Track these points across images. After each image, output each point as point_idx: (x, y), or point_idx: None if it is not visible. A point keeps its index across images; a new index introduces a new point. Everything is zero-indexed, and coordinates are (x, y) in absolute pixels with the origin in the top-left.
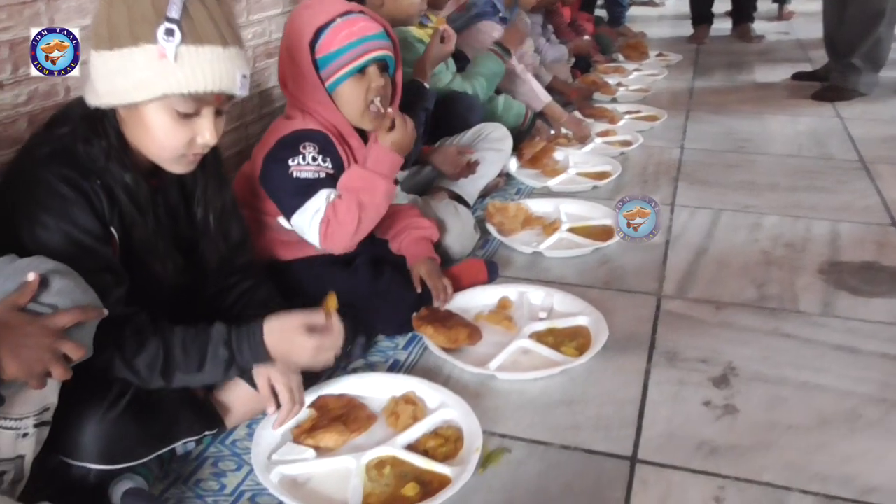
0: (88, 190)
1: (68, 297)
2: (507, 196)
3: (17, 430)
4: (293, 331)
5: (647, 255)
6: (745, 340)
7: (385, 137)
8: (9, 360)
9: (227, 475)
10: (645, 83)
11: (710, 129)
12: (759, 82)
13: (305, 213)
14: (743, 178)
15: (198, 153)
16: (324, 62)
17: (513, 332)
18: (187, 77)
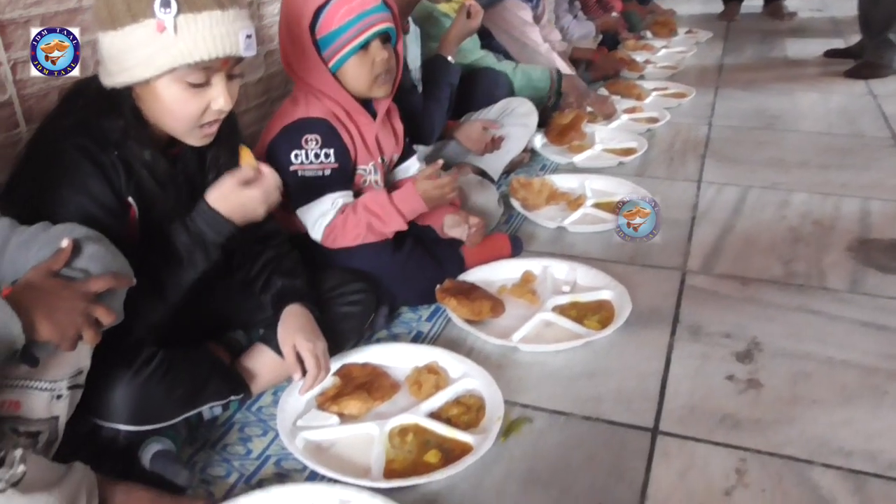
0: (105, 162)
1: (100, 263)
2: (532, 172)
3: (51, 392)
4: (234, 191)
5: (672, 231)
6: (771, 316)
7: (422, 184)
8: (43, 322)
9: (254, 440)
10: (673, 60)
11: (740, 105)
12: (790, 59)
13: (310, 212)
14: (772, 156)
15: (214, 123)
16: (325, 42)
17: (536, 306)
18: (189, 47)
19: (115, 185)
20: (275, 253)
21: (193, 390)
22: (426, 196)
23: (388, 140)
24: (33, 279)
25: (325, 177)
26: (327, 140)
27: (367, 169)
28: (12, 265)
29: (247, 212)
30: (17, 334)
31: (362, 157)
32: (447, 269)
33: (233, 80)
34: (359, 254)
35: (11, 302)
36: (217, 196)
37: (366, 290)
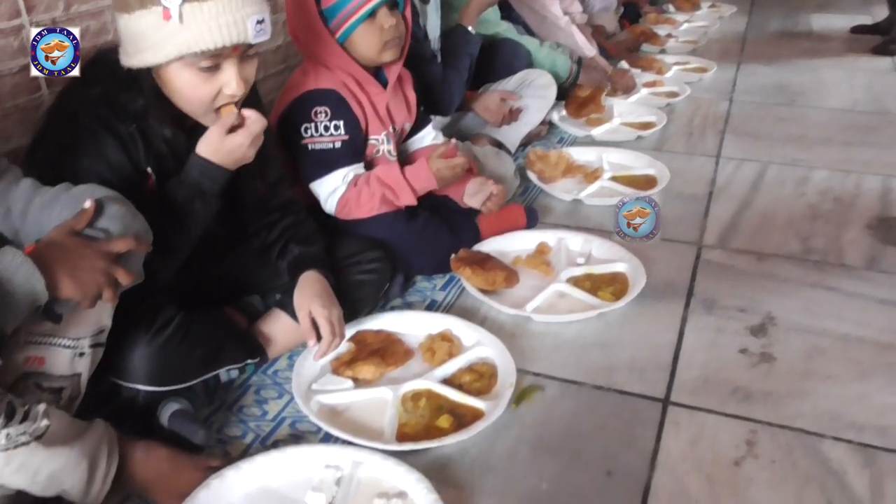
0: (124, 133)
1: (120, 223)
2: (549, 144)
3: (74, 350)
4: (220, 139)
5: (689, 206)
6: (787, 292)
7: (435, 163)
8: (65, 280)
9: (269, 402)
10: (695, 35)
11: (762, 81)
12: (815, 34)
13: (322, 186)
14: (793, 132)
15: (235, 100)
16: (331, 13)
17: (550, 277)
18: (195, 36)
19: (133, 155)
20: (292, 220)
21: (211, 353)
22: (438, 175)
23: (400, 109)
24: (56, 238)
25: (335, 149)
26: (337, 112)
27: (379, 139)
28: (36, 224)
29: (236, 157)
30: (40, 291)
31: (374, 126)
32: (462, 239)
33: (248, 61)
34: (375, 222)
35: (35, 259)
36: (205, 146)
37: (381, 258)
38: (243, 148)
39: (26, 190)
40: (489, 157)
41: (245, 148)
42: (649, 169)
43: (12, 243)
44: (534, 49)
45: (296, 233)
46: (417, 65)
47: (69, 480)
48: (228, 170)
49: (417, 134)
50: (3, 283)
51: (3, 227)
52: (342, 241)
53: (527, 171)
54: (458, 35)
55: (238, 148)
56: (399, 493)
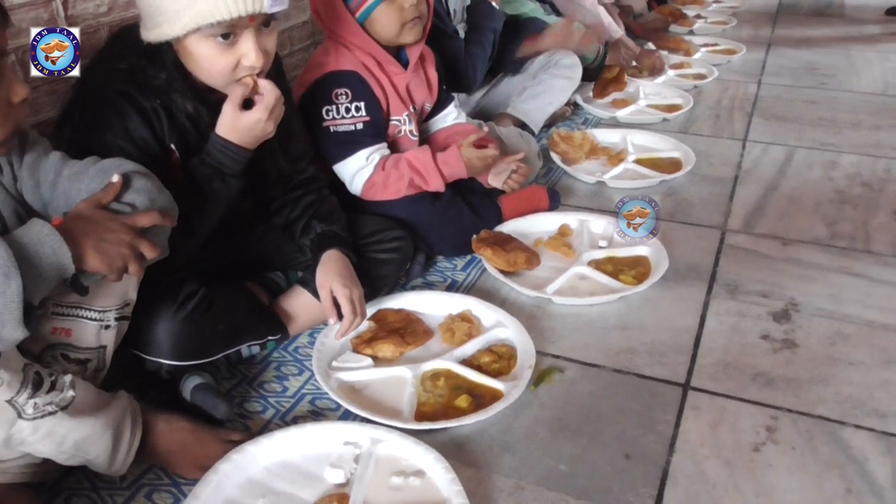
0: (148, 109)
1: (146, 196)
2: (573, 126)
3: (100, 322)
4: (236, 117)
5: (714, 189)
6: (811, 277)
7: (467, 151)
8: (92, 252)
9: (290, 378)
10: (725, 16)
11: (792, 64)
12: (848, 17)
13: (346, 167)
14: (822, 116)
15: (256, 72)
16: None
17: (571, 259)
18: (210, 6)
19: (157, 131)
20: (314, 198)
21: (233, 328)
22: (469, 164)
23: (421, 88)
24: (83, 211)
25: (357, 131)
26: (357, 93)
27: (401, 119)
28: (65, 195)
29: (255, 134)
30: (67, 263)
31: (395, 107)
32: (484, 220)
33: (268, 31)
34: (398, 202)
35: (62, 232)
36: (223, 126)
37: (403, 237)
38: (261, 124)
39: (55, 162)
40: (512, 137)
41: (263, 123)
42: (674, 152)
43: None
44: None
45: (318, 210)
46: (439, 40)
47: (94, 450)
48: (248, 149)
49: (440, 113)
50: (30, 255)
51: (32, 199)
52: (364, 219)
53: (550, 153)
54: (482, 10)
55: (255, 124)
56: (417, 472)
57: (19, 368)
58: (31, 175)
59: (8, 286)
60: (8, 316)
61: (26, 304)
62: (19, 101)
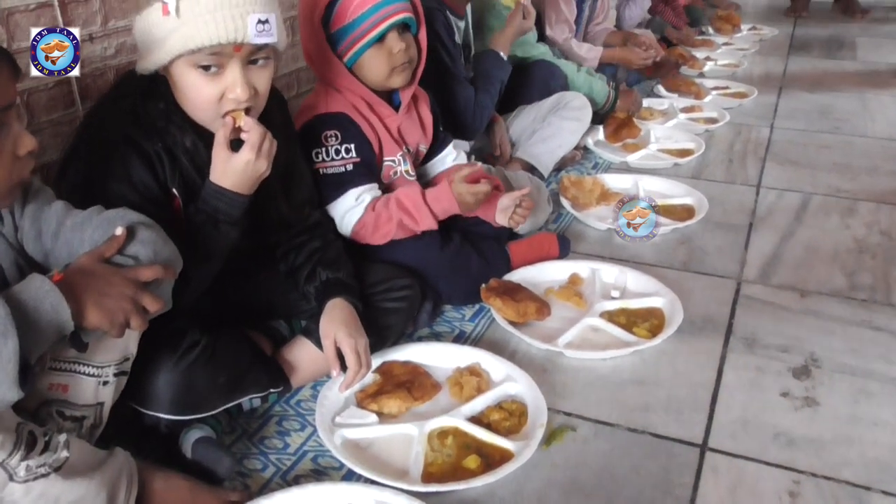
0: (150, 153)
1: (150, 248)
2: (583, 170)
3: (98, 378)
4: (226, 161)
5: (728, 237)
6: (831, 330)
7: (458, 187)
8: (93, 308)
9: (291, 434)
10: (735, 58)
11: (804, 107)
12: (861, 60)
13: (336, 207)
14: (837, 161)
15: (242, 108)
16: (339, 36)
17: (583, 310)
18: (192, 32)
19: (159, 176)
20: (320, 243)
21: (235, 380)
22: (460, 199)
23: (414, 130)
24: (85, 265)
25: (347, 172)
26: (347, 135)
27: (395, 160)
28: (67, 246)
29: (248, 175)
30: (66, 320)
31: (388, 148)
32: (493, 267)
33: (258, 68)
34: (405, 248)
35: (62, 287)
36: (215, 171)
37: (411, 286)
38: (251, 164)
39: (58, 211)
40: (520, 181)
41: (253, 163)
42: (687, 198)
43: (41, 266)
44: (571, 73)
45: (324, 256)
46: (449, 84)
47: None
48: (244, 194)
49: (438, 154)
50: (29, 312)
51: (33, 249)
52: (371, 266)
53: (560, 198)
54: (490, 59)
55: (246, 166)
56: None
57: (13, 428)
58: (33, 224)
59: (4, 346)
60: (3, 376)
61: (23, 363)
62: (25, 154)
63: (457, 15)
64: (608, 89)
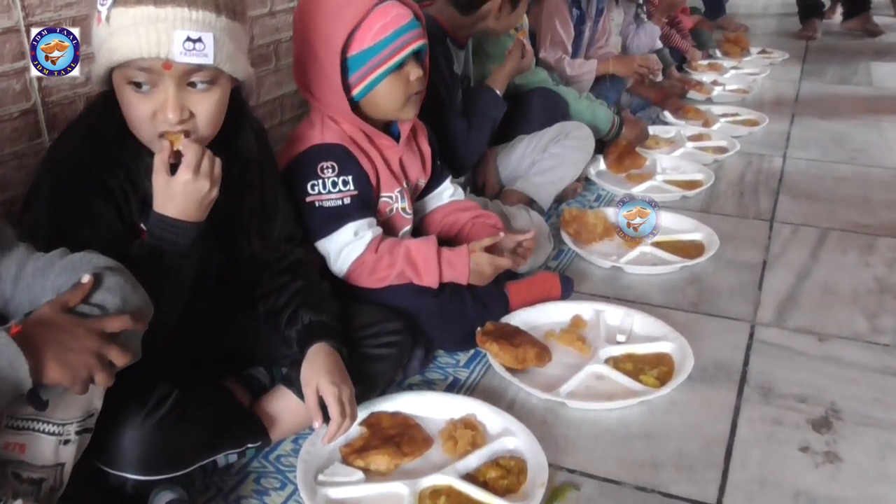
0: (113, 186)
1: (118, 296)
2: (585, 202)
3: (58, 437)
4: (166, 187)
5: (741, 277)
6: (852, 378)
7: (480, 256)
8: (53, 364)
9: (270, 493)
10: (744, 83)
11: (818, 136)
12: (877, 86)
13: (332, 242)
14: (854, 193)
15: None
16: (356, 62)
17: (586, 355)
18: (117, 43)
19: (124, 212)
20: (303, 284)
21: (210, 435)
22: (477, 269)
23: (415, 163)
24: (46, 315)
25: (344, 206)
26: (344, 166)
27: (392, 196)
28: (28, 292)
29: (192, 199)
30: (24, 377)
31: (386, 183)
32: (490, 310)
33: (198, 92)
34: (396, 289)
35: (20, 341)
36: (156, 198)
37: (402, 330)
38: (190, 185)
39: (19, 255)
40: (519, 218)
41: (193, 184)
42: (696, 233)
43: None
44: (572, 100)
45: (307, 297)
46: (442, 116)
47: None
48: (189, 221)
49: (435, 190)
50: None
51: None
52: (359, 308)
53: (560, 232)
54: (485, 97)
55: (185, 187)
56: None
57: None
58: None
59: None
60: None
61: None
62: None
63: (457, 44)
64: (612, 115)
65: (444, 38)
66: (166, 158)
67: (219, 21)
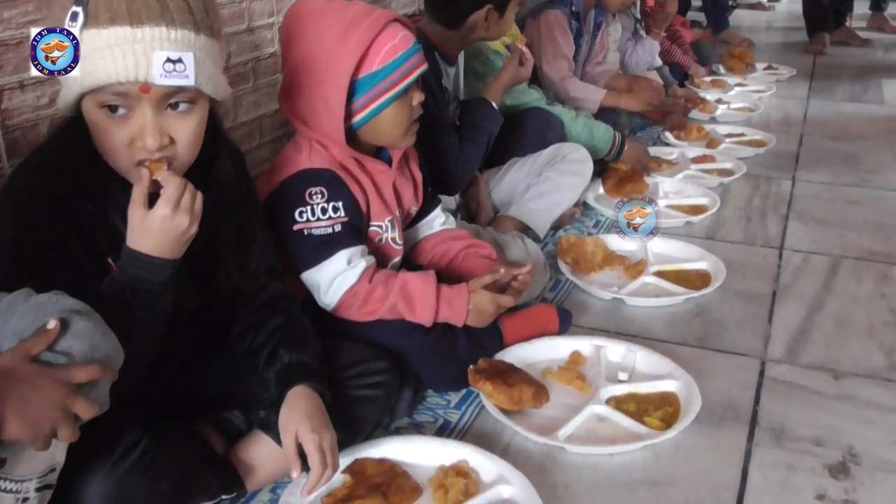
0: (80, 217)
1: (86, 343)
2: (583, 229)
3: (16, 494)
4: (140, 217)
5: (749, 309)
6: (870, 419)
7: (481, 295)
8: (13, 418)
9: None
10: (750, 101)
11: (829, 157)
12: (889, 104)
13: (323, 272)
14: (868, 219)
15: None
16: (362, 86)
17: (586, 395)
18: (90, 67)
19: (90, 245)
20: (283, 320)
21: (180, 487)
22: (477, 309)
23: (407, 189)
24: (6, 364)
25: (335, 233)
26: (334, 192)
27: (382, 225)
28: None
29: (168, 235)
30: None
31: (377, 211)
32: (483, 347)
33: (177, 115)
34: (383, 325)
35: None
36: (131, 233)
37: (388, 370)
38: (168, 221)
39: None
40: (513, 246)
41: (171, 220)
42: (701, 262)
43: None
44: (567, 120)
45: (287, 335)
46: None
47: None
48: (165, 258)
49: (425, 217)
50: None
51: None
52: (342, 346)
53: (558, 261)
54: (479, 109)
55: (162, 223)
56: None
57: None
58: None
59: None
60: None
61: None
62: None
63: (447, 61)
64: (612, 133)
65: (433, 52)
66: (145, 190)
67: (198, 40)
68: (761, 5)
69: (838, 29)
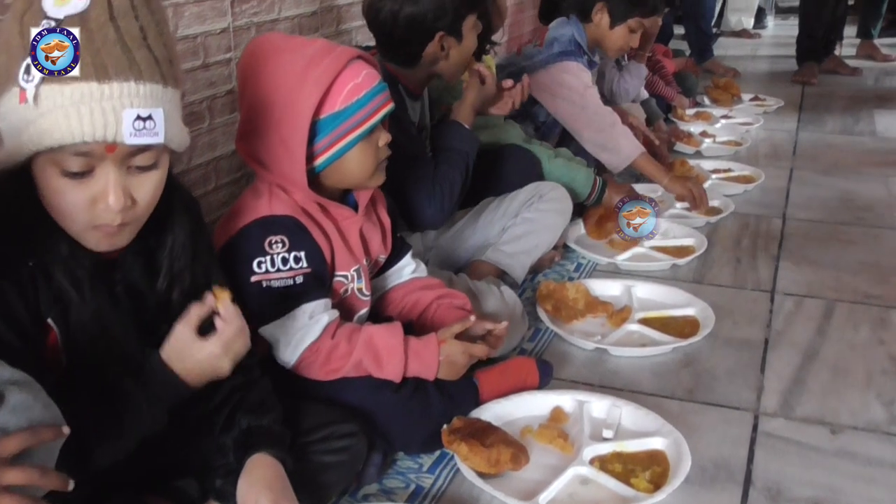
0: (22, 274)
1: (23, 416)
2: (563, 273)
3: None
4: (187, 341)
5: (740, 358)
6: (871, 478)
7: (452, 346)
8: None
9: None
10: (736, 134)
11: (821, 194)
12: (881, 136)
13: (283, 328)
14: (863, 259)
15: (123, 225)
16: (323, 127)
17: (569, 455)
18: (50, 125)
19: (30, 304)
20: (242, 380)
21: None
22: (449, 360)
23: (375, 235)
24: None
25: (297, 285)
26: (295, 241)
27: (348, 275)
28: None
29: (205, 370)
30: None
31: (342, 260)
32: (458, 404)
33: (140, 171)
34: (351, 383)
35: None
36: (171, 349)
37: (356, 432)
38: (213, 359)
39: None
40: (488, 294)
41: (217, 360)
42: (689, 308)
43: None
44: (545, 159)
45: (245, 398)
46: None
47: None
48: (190, 386)
49: (394, 265)
50: None
51: None
52: (305, 408)
53: (536, 309)
54: (450, 132)
55: (207, 358)
56: None
57: None
58: None
59: None
60: None
61: None
62: None
63: (411, 95)
64: (593, 176)
65: (396, 84)
66: (203, 314)
67: (166, 93)
68: (746, 32)
69: (827, 58)
